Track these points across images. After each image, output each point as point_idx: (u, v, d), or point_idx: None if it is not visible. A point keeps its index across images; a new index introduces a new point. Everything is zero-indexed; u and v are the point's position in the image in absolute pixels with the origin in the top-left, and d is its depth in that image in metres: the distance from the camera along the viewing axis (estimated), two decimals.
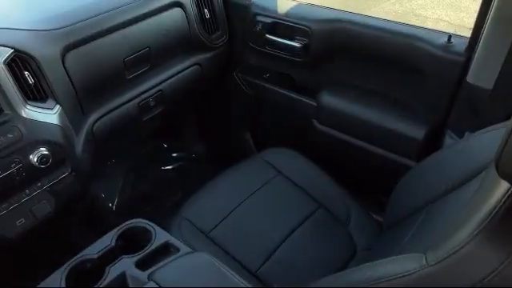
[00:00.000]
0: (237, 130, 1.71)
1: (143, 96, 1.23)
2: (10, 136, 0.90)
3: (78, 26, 1.04)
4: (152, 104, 1.26)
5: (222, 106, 1.70)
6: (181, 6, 1.23)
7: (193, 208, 1.14)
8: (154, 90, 1.25)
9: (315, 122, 1.35)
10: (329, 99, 1.29)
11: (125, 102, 1.19)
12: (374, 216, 1.20)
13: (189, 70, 1.34)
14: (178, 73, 1.31)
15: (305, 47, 1.25)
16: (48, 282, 0.79)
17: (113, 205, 1.65)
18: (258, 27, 1.33)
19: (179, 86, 1.32)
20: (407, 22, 1.14)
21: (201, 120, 1.82)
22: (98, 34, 1.06)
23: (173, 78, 1.30)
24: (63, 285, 0.77)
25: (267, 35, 1.32)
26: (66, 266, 0.81)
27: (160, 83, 1.26)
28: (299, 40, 1.27)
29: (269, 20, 1.30)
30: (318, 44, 1.24)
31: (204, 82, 1.44)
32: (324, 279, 0.76)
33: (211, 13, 1.33)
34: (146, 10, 1.15)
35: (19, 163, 0.92)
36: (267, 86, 1.46)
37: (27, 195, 0.98)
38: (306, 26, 1.24)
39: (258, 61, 1.42)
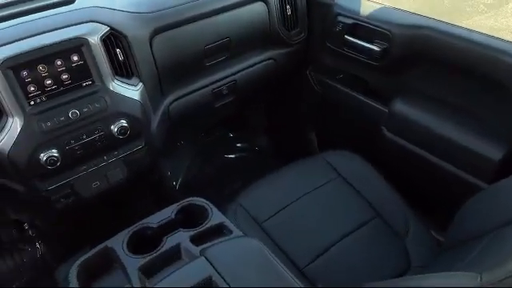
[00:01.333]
0: (302, 128, 1.71)
1: (218, 84, 1.28)
2: (97, 105, 0.99)
3: (168, 11, 1.11)
4: (225, 92, 1.31)
5: (290, 103, 1.71)
6: (264, 0, 1.26)
7: (250, 197, 1.17)
8: (228, 79, 1.30)
9: (384, 129, 1.31)
10: (402, 107, 1.25)
11: (200, 87, 1.25)
12: (433, 234, 1.15)
13: (264, 63, 1.37)
14: (253, 65, 1.35)
15: (384, 51, 1.22)
16: (112, 241, 0.87)
17: (176, 184, 1.75)
18: (338, 27, 1.32)
19: (252, 78, 1.36)
20: (496, 36, 1.06)
21: (269, 114, 1.85)
22: (184, 20, 1.13)
23: (247, 70, 1.34)
24: (125, 246, 0.84)
25: (346, 36, 1.30)
26: (129, 229, 0.88)
27: (235, 73, 1.31)
28: (378, 44, 1.24)
29: (350, 21, 1.29)
30: (398, 49, 1.20)
31: (277, 77, 1.47)
32: (373, 283, 0.75)
33: (293, 10, 1.35)
34: (230, 1, 1.20)
35: (101, 131, 1.02)
36: (339, 87, 1.44)
37: (104, 161, 1.07)
38: (386, 30, 1.20)
39: (334, 61, 1.42)
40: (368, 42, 1.26)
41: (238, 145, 1.94)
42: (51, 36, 0.92)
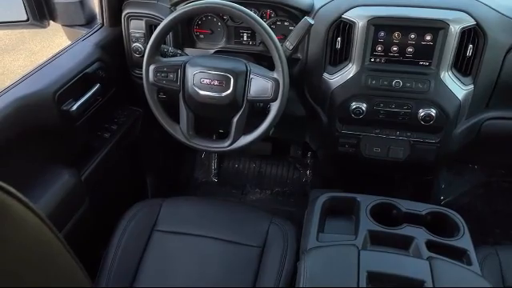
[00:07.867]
0: None
1: None
2: (420, 86, 1.03)
3: None
4: None
5: None
6: None
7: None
8: None
9: None
10: None
11: None
12: None
13: None
14: None
15: None
16: (361, 197, 0.96)
17: (444, 199, 1.65)
18: None
19: None
20: None
21: None
22: None
23: None
24: (369, 208, 0.92)
25: None
26: (380, 198, 0.95)
27: None
28: None
29: None
30: None
31: None
32: None
33: None
34: None
35: (408, 109, 1.06)
36: None
37: (395, 135, 1.13)
38: None
39: None
40: None
41: None
42: (419, 11, 1.00)
